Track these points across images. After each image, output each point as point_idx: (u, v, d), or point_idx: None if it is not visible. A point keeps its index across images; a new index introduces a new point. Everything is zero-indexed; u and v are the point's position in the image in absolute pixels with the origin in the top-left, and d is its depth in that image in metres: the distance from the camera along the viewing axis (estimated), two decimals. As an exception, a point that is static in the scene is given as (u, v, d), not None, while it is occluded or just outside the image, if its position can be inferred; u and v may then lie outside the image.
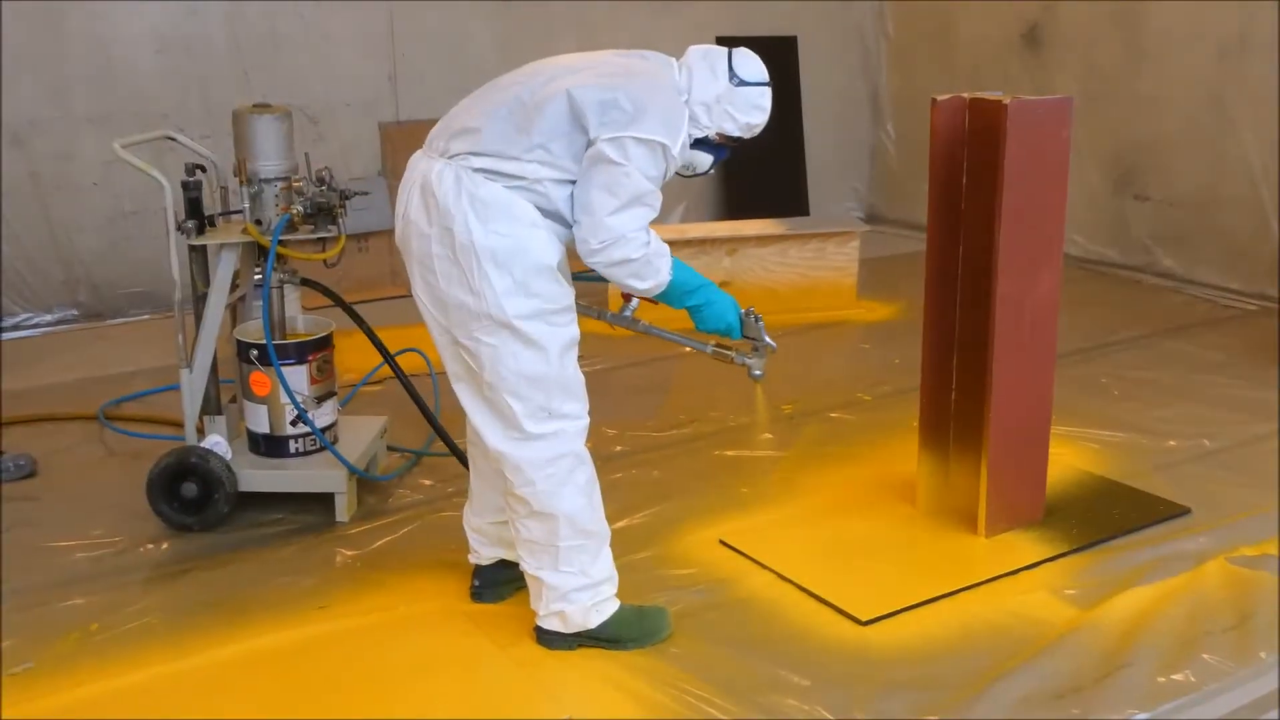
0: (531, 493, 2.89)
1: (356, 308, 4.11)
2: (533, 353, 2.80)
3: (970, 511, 3.69)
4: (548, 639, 3.07)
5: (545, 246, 2.79)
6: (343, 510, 3.84)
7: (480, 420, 2.91)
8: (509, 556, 3.28)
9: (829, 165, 8.65)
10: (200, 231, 3.79)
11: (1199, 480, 4.10)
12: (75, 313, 6.37)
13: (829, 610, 3.27)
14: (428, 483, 4.17)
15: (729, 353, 3.21)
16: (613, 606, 3.06)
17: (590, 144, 2.75)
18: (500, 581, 3.32)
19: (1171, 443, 4.46)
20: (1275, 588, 3.34)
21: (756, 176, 8.14)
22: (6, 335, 6.06)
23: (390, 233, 6.82)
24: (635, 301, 3.17)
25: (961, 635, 3.15)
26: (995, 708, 2.83)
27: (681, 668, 2.99)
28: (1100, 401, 4.90)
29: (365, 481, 4.03)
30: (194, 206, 3.79)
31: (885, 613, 3.24)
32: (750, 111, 2.94)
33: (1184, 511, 3.85)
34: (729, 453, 4.42)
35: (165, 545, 3.72)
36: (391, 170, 6.97)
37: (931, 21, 8.27)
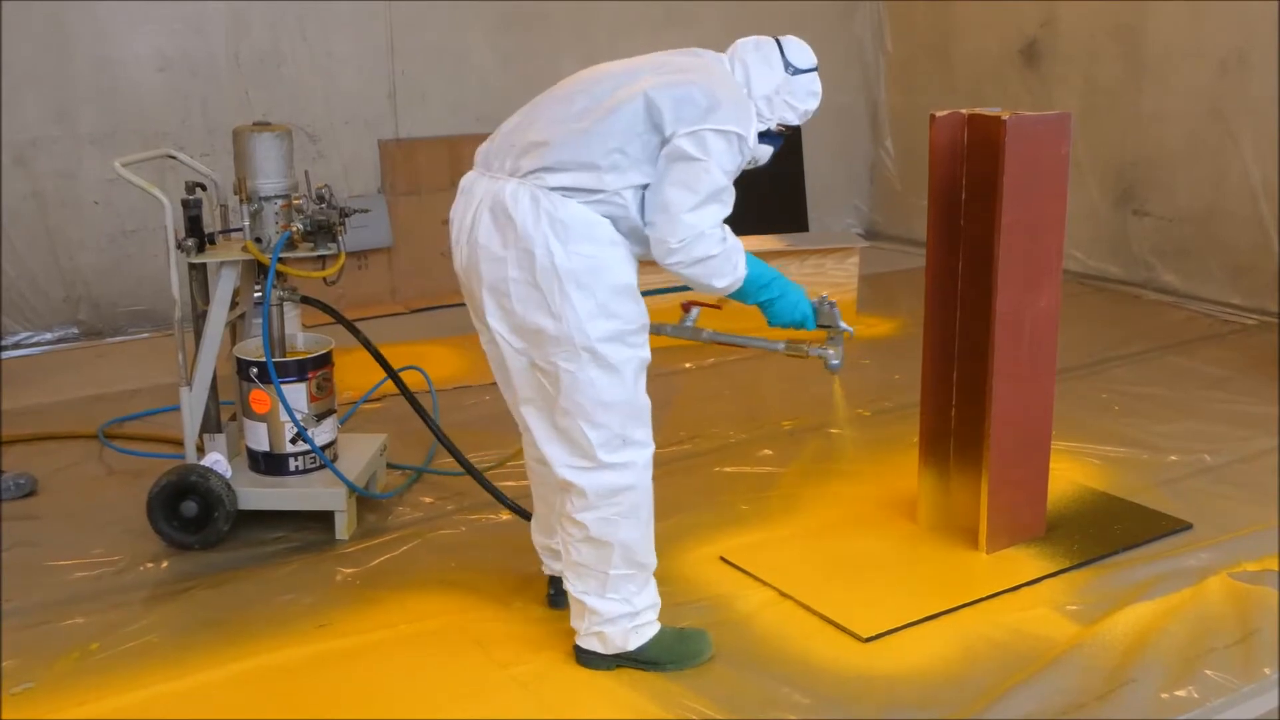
0: (592, 519, 2.85)
1: (356, 325, 4.11)
2: (610, 378, 2.76)
3: (971, 527, 3.68)
4: (586, 659, 3.04)
5: (624, 265, 2.78)
6: (343, 528, 3.83)
7: (549, 447, 2.86)
8: None
9: (829, 181, 8.66)
10: (200, 249, 3.80)
11: (1200, 495, 4.10)
12: (76, 331, 6.37)
13: (830, 627, 3.26)
14: (428, 500, 4.16)
15: (802, 346, 3.15)
16: (653, 629, 3.03)
17: (665, 142, 2.72)
18: None
19: (1173, 458, 4.45)
20: (1278, 603, 3.33)
21: (756, 193, 8.13)
22: (7, 354, 6.06)
23: (389, 250, 6.89)
24: (695, 311, 3.14)
25: (963, 652, 3.14)
26: (997, 725, 2.82)
27: (683, 684, 2.98)
28: (1101, 417, 4.89)
29: (365, 499, 4.03)
30: (194, 224, 3.79)
31: (886, 629, 3.23)
32: (807, 98, 2.96)
33: (1185, 527, 3.84)
34: (729, 469, 4.41)
35: (165, 564, 3.71)
36: (391, 187, 6.99)
37: (931, 37, 8.29)
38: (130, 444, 4.71)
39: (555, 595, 3.33)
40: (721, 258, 2.79)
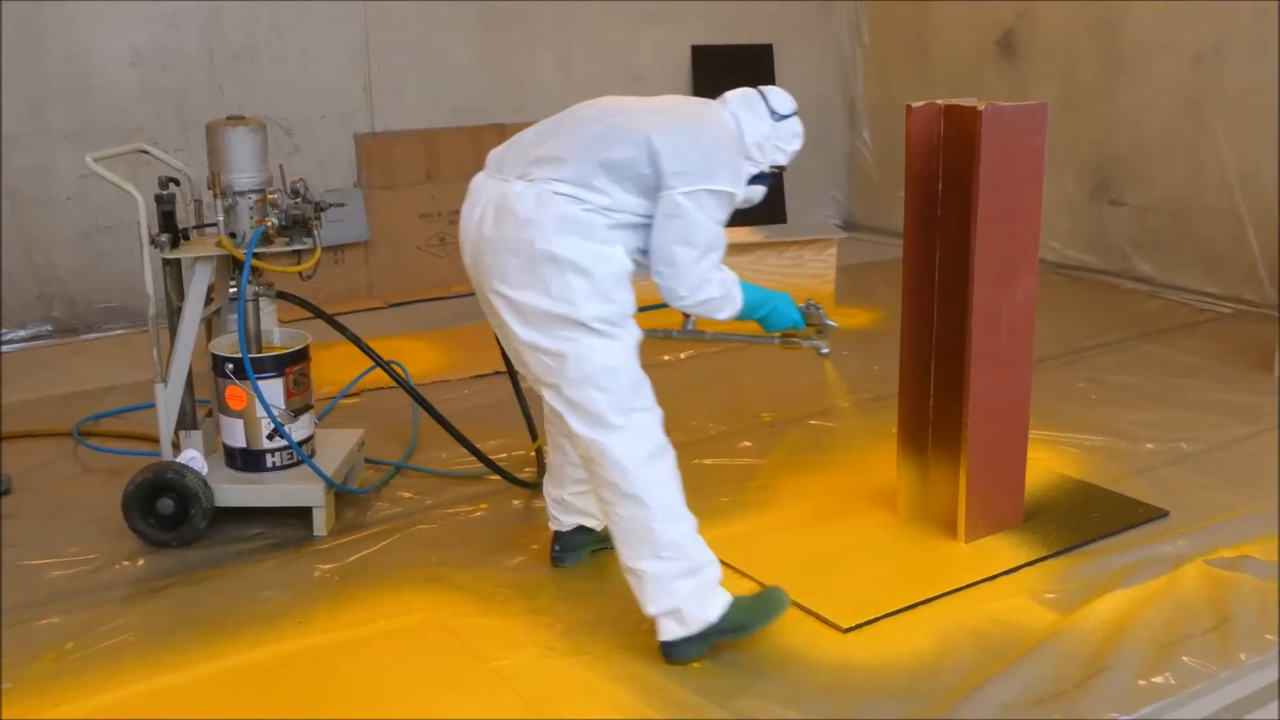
0: (620, 475, 2.96)
1: (335, 318, 4.09)
2: (612, 344, 2.95)
3: (950, 517, 3.69)
4: (674, 651, 3.03)
5: (619, 256, 2.98)
6: (321, 524, 3.82)
7: (570, 420, 3.00)
8: (587, 523, 3.53)
9: (807, 173, 8.62)
10: (174, 245, 3.77)
11: (1177, 483, 4.12)
12: (50, 328, 6.32)
13: (810, 618, 3.26)
14: (406, 495, 4.15)
15: (795, 340, 3.47)
16: (726, 596, 3.06)
17: (660, 185, 2.95)
18: (579, 545, 3.56)
19: (1149, 446, 4.48)
20: (1253, 589, 3.35)
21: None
22: (-20, 352, 6.02)
23: (366, 245, 6.86)
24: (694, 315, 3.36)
25: (942, 642, 3.15)
26: (977, 714, 2.83)
27: (664, 676, 2.98)
28: (1078, 406, 4.92)
29: (343, 495, 4.01)
30: (168, 220, 3.76)
31: (866, 619, 3.24)
32: (792, 140, 3.25)
33: (1162, 514, 3.86)
34: (708, 461, 4.41)
35: (142, 562, 3.69)
36: (367, 181, 6.95)
37: (908, 30, 8.30)
38: (105, 441, 4.68)
39: (560, 552, 3.55)
40: (722, 297, 3.10)
